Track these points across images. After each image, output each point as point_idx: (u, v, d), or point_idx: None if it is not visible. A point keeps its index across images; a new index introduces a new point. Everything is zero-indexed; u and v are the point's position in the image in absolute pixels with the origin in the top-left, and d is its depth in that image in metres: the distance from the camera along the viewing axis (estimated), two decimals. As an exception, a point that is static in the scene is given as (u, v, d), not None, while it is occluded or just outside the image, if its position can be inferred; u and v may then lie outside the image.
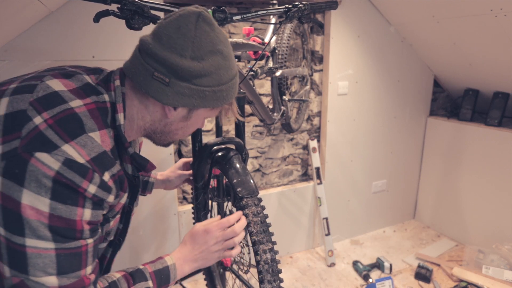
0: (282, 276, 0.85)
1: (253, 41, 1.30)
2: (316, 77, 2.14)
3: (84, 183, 0.58)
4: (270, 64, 1.50)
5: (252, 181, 0.92)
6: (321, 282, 1.97)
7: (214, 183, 1.16)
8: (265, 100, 1.99)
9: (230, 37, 1.81)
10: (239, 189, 0.89)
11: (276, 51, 1.53)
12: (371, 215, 2.51)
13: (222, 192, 1.15)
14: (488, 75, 2.06)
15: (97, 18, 0.74)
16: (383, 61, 2.23)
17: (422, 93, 2.46)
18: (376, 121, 2.33)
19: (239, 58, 1.24)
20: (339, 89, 2.12)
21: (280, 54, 1.56)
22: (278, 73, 1.50)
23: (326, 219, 2.19)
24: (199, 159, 1.04)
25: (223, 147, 1.02)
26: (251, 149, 2.06)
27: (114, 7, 0.75)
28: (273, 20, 1.60)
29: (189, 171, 1.18)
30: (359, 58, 2.15)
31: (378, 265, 2.07)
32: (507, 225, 2.03)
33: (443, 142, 2.40)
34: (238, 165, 0.94)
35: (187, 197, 1.94)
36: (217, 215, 0.86)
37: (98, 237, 0.68)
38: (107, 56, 1.50)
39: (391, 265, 2.04)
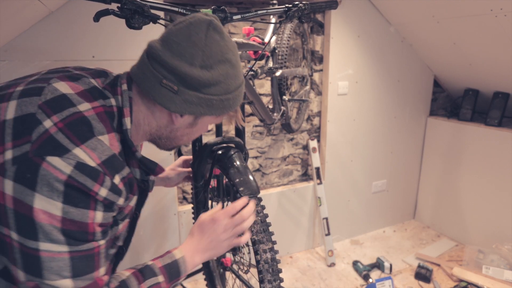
0: (282, 276, 0.85)
1: (253, 41, 1.30)
2: (316, 77, 2.14)
3: (95, 186, 0.58)
4: (270, 64, 1.50)
5: (253, 180, 0.92)
6: (321, 282, 1.97)
7: (214, 183, 1.16)
8: (265, 100, 1.99)
9: (230, 37, 1.81)
10: (241, 188, 0.89)
11: (276, 51, 1.53)
12: (371, 215, 2.50)
13: (222, 192, 1.15)
14: (488, 75, 2.06)
15: (97, 17, 0.74)
16: (383, 61, 2.23)
17: (422, 93, 2.46)
18: (376, 121, 2.33)
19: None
20: (339, 89, 2.13)
21: (280, 54, 1.56)
22: (278, 73, 1.50)
23: (326, 219, 2.19)
24: (199, 159, 1.04)
25: (224, 145, 1.02)
26: (251, 149, 2.06)
27: (114, 6, 0.75)
28: (273, 20, 1.60)
29: (188, 168, 1.18)
30: (359, 58, 2.15)
31: (378, 265, 2.07)
32: (507, 225, 2.03)
33: (443, 142, 2.40)
34: (239, 163, 0.94)
35: (187, 197, 1.94)
36: (219, 204, 0.85)
37: (108, 238, 0.68)
38: (107, 56, 1.50)
39: (391, 265, 2.04)
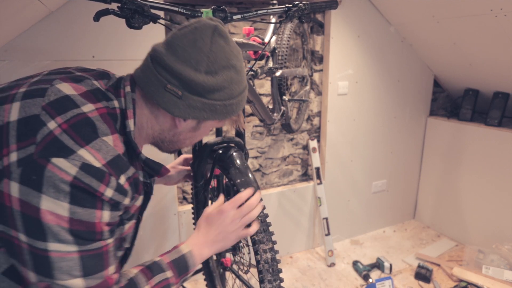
0: (282, 276, 0.85)
1: (253, 41, 1.30)
2: (316, 77, 2.14)
3: (101, 187, 0.58)
4: (270, 64, 1.50)
5: (254, 180, 0.91)
6: (321, 282, 1.97)
7: (214, 183, 1.16)
8: (265, 100, 1.99)
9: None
10: (242, 189, 0.89)
11: (276, 51, 1.53)
12: (371, 215, 2.50)
13: (222, 192, 1.15)
14: (488, 75, 2.06)
15: (97, 17, 0.74)
16: (383, 61, 2.23)
17: (422, 93, 2.46)
18: (376, 121, 2.33)
19: None
20: (339, 89, 2.12)
21: (280, 54, 1.56)
22: (278, 73, 1.50)
23: (326, 219, 2.18)
24: (199, 159, 1.04)
25: (224, 145, 1.02)
26: (251, 149, 2.06)
27: (114, 6, 0.75)
28: (273, 20, 1.60)
29: (189, 167, 1.18)
30: (359, 58, 2.15)
31: (378, 265, 2.07)
32: (507, 225, 2.03)
33: (443, 142, 2.40)
34: (240, 163, 0.94)
35: (187, 197, 1.94)
36: (220, 197, 0.86)
37: (116, 237, 0.68)
38: (107, 56, 1.50)
39: (391, 265, 2.04)
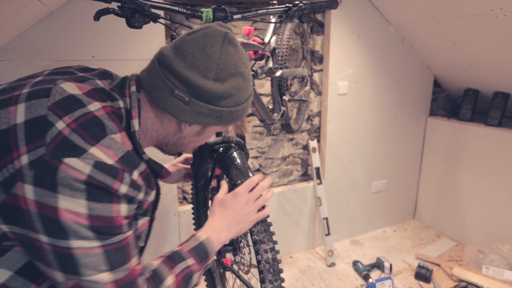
0: (282, 276, 0.85)
1: (253, 41, 1.30)
2: (316, 77, 2.14)
3: (115, 184, 0.58)
4: (270, 64, 1.49)
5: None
6: (321, 282, 1.97)
7: (214, 183, 1.16)
8: (265, 100, 1.99)
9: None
10: None
11: (276, 51, 1.53)
12: (371, 215, 2.50)
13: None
14: (488, 75, 2.06)
15: (97, 16, 0.74)
16: (383, 61, 2.23)
17: (422, 93, 2.46)
18: (376, 121, 2.33)
19: None
20: (339, 89, 2.12)
21: (280, 55, 1.56)
22: (278, 73, 1.50)
23: (326, 219, 2.18)
24: (199, 159, 1.04)
25: (224, 145, 1.02)
26: (251, 149, 2.06)
27: (114, 5, 0.75)
28: (273, 20, 1.60)
29: (189, 165, 1.18)
30: (359, 58, 2.15)
31: (378, 265, 2.07)
32: (507, 225, 2.03)
33: (443, 142, 2.40)
34: (240, 163, 0.94)
35: (187, 197, 1.94)
36: (223, 183, 0.87)
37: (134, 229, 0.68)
38: (107, 56, 1.50)
39: (391, 265, 2.04)
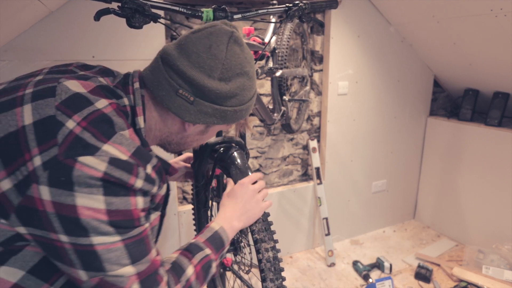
0: (283, 274, 0.85)
1: (253, 41, 1.30)
2: (316, 77, 2.14)
3: (131, 179, 0.58)
4: (270, 64, 1.49)
5: None
6: (321, 282, 1.97)
7: (214, 183, 1.16)
8: (265, 100, 1.99)
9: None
10: None
11: (276, 51, 1.53)
12: (371, 215, 2.50)
13: (222, 192, 1.14)
14: (488, 75, 2.06)
15: (97, 16, 0.74)
16: (383, 61, 2.23)
17: (422, 93, 2.46)
18: (376, 121, 2.33)
19: None
20: (339, 89, 2.12)
21: (280, 55, 1.56)
22: (278, 73, 1.50)
23: (326, 219, 2.18)
24: (200, 159, 1.04)
25: (225, 145, 1.02)
26: (251, 149, 2.06)
27: (114, 5, 0.75)
28: (273, 20, 1.60)
29: (189, 164, 1.18)
30: (359, 58, 2.15)
31: (378, 265, 2.07)
32: (507, 225, 2.03)
33: (443, 142, 2.40)
34: (240, 163, 0.94)
35: (187, 197, 1.94)
36: (230, 180, 0.90)
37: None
38: (107, 56, 1.50)
39: (391, 265, 2.04)
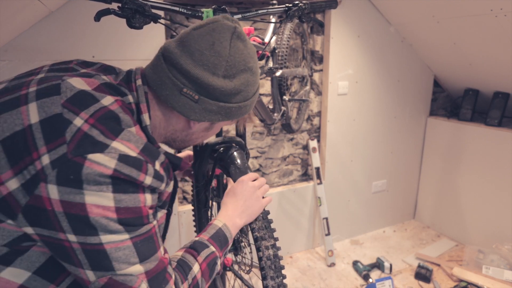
0: (284, 272, 0.85)
1: (253, 41, 1.30)
2: (316, 77, 2.14)
3: (141, 175, 0.58)
4: (270, 64, 1.49)
5: None
6: (321, 282, 1.97)
7: (214, 183, 1.16)
8: (265, 100, 1.99)
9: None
10: None
11: (276, 51, 1.53)
12: (371, 215, 2.50)
13: (222, 192, 1.15)
14: (488, 75, 2.06)
15: (98, 17, 0.74)
16: (383, 61, 2.24)
17: (422, 93, 2.46)
18: (376, 121, 2.33)
19: None
20: (339, 89, 2.13)
21: (280, 54, 1.56)
22: (278, 73, 1.50)
23: (326, 219, 2.18)
24: (200, 159, 1.04)
25: (225, 145, 1.02)
26: (251, 149, 2.06)
27: (115, 6, 0.75)
28: (273, 20, 1.60)
29: (190, 163, 1.18)
30: (359, 58, 2.15)
31: (378, 265, 2.07)
32: (507, 225, 2.03)
33: (443, 142, 2.40)
34: (240, 163, 0.94)
35: (187, 197, 1.94)
36: (230, 179, 0.91)
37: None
38: (107, 56, 1.50)
39: (391, 265, 2.04)
